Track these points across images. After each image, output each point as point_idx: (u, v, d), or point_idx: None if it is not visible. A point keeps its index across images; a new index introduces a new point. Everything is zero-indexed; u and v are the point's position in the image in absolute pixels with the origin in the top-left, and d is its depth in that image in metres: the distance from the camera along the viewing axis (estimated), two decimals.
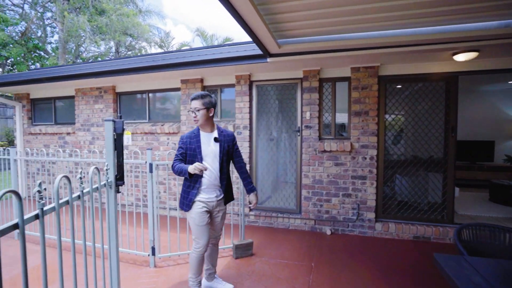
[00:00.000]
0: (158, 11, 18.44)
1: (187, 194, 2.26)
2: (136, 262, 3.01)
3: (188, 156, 2.24)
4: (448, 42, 3.02)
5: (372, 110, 3.90)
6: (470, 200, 5.11)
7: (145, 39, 17.66)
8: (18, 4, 15.19)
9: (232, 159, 2.46)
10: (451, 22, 2.69)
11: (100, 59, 14.81)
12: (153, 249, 2.90)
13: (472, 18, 2.58)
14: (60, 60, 14.70)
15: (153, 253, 2.90)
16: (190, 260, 2.31)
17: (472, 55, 3.26)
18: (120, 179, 1.63)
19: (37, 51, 15.02)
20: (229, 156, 2.39)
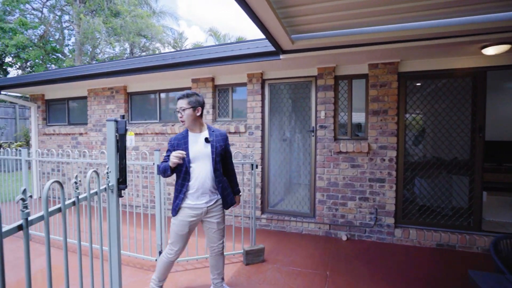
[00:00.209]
0: (171, 12, 18.62)
1: (174, 198, 2.15)
2: (144, 267, 2.93)
3: None
4: (477, 34, 2.77)
5: (392, 109, 3.67)
6: (499, 205, 4.76)
7: (158, 40, 17.85)
8: (37, 8, 15.69)
9: (224, 164, 2.31)
10: (480, 12, 2.45)
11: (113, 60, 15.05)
12: (161, 253, 2.80)
13: (505, 6, 2.33)
14: (76, 62, 15.06)
15: None
16: (158, 262, 2.23)
17: (504, 48, 2.98)
18: (122, 182, 1.53)
19: (55, 53, 15.46)
20: (223, 157, 2.25)
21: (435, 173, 3.69)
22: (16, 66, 14.67)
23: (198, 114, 2.13)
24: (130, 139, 1.87)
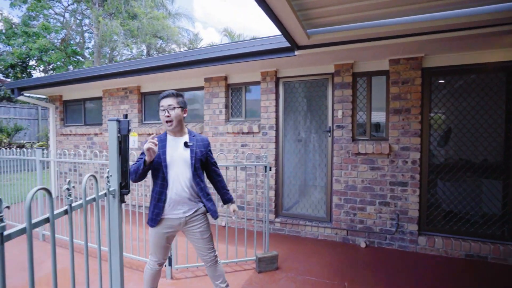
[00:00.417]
0: (187, 14, 18.82)
1: (153, 207, 1.95)
2: None
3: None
4: None
5: (415, 107, 3.42)
6: None
7: (174, 41, 18.07)
8: (60, 13, 16.30)
9: (207, 171, 2.16)
10: None
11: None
12: (170, 259, 2.71)
13: None
14: (95, 64, 15.49)
15: (170, 263, 2.72)
16: (144, 274, 2.11)
17: None
18: (125, 187, 1.43)
19: (75, 56, 15.99)
20: (203, 164, 2.07)
21: (463, 177, 3.41)
22: (40, 69, 15.27)
23: (185, 115, 2.00)
24: (133, 140, 1.76)
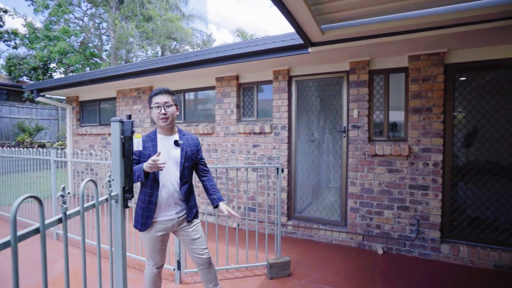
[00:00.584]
0: (200, 15, 18.98)
1: (142, 210, 1.86)
2: (162, 275, 2.81)
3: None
4: None
5: (437, 106, 3.21)
6: None
7: (188, 42, 18.26)
8: (79, 17, 16.84)
9: (195, 168, 2.08)
10: None
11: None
12: (179, 263, 2.65)
13: None
14: (112, 66, 15.89)
15: (179, 267, 2.66)
16: (144, 280, 2.05)
17: None
18: (128, 191, 1.36)
19: (93, 58, 16.46)
20: (192, 164, 2.00)
21: (490, 180, 3.16)
22: (60, 71, 15.83)
23: (177, 113, 1.97)
24: (137, 142, 1.71)
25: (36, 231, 0.87)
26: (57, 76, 16.16)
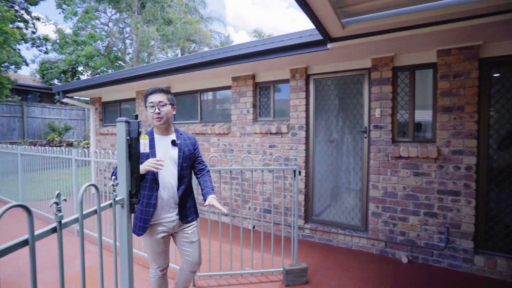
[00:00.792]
0: (219, 17, 19.19)
1: (140, 213, 1.80)
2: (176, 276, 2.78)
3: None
4: None
5: (470, 104, 2.94)
6: None
7: (206, 44, 18.52)
8: (104, 23, 17.58)
9: (193, 167, 2.05)
10: None
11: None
12: None
13: None
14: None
15: None
16: (150, 285, 2.00)
17: None
18: (135, 195, 1.29)
19: (117, 61, 17.12)
20: (190, 163, 1.97)
21: None
22: (87, 73, 16.58)
23: (174, 113, 1.92)
24: (144, 143, 1.67)
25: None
26: (84, 78, 16.95)
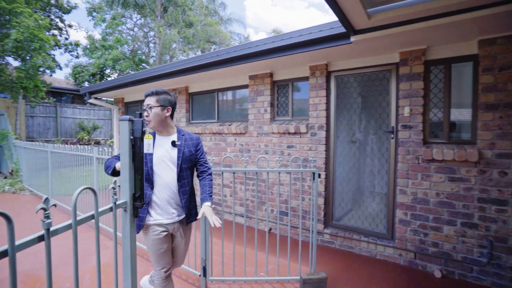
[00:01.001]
0: (238, 18, 19.26)
1: None
2: (189, 280, 2.68)
3: None
4: None
5: None
6: None
7: (226, 45, 18.64)
8: (130, 28, 18.29)
9: (196, 168, 2.03)
10: None
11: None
12: (204, 269, 2.48)
13: None
14: None
15: (204, 274, 2.49)
16: (154, 286, 1.94)
17: None
18: (139, 198, 1.19)
19: (142, 64, 17.70)
20: (191, 165, 1.95)
21: None
22: (114, 76, 17.31)
23: (168, 114, 1.88)
24: (148, 143, 1.61)
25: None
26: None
